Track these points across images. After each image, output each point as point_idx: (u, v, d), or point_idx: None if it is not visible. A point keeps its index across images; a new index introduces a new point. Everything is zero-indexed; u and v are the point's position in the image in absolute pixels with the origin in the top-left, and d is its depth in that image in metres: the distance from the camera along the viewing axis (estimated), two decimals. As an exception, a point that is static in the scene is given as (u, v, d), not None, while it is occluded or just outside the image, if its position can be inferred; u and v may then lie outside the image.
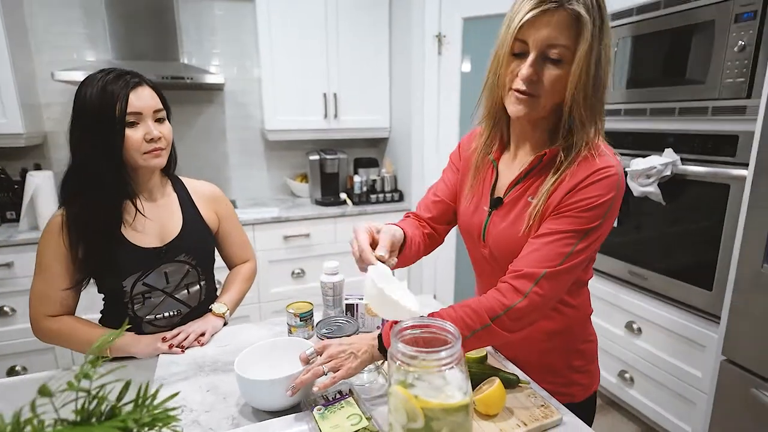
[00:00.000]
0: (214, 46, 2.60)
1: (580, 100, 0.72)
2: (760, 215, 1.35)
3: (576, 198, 0.75)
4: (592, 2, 0.69)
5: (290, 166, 2.92)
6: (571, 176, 0.75)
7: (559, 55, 0.71)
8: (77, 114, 0.96)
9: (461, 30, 2.31)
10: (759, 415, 1.37)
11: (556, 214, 0.76)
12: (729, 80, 1.53)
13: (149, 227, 1.05)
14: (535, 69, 0.72)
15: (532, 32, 0.70)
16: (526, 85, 0.73)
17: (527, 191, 0.82)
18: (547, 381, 0.88)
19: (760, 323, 1.36)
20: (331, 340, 0.82)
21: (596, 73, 0.71)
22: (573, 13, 0.68)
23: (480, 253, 0.92)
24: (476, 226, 0.90)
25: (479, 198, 0.91)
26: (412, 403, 0.54)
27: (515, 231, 0.82)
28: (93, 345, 0.92)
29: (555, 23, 0.69)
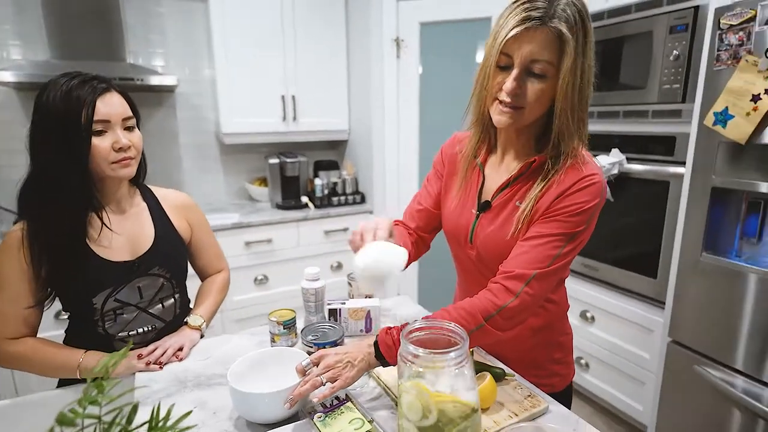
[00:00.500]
0: (163, 46, 2.48)
1: (567, 112, 0.76)
2: (697, 208, 1.50)
3: (564, 203, 0.80)
4: (575, 19, 0.72)
5: (248, 170, 2.84)
6: (558, 183, 0.80)
7: (542, 70, 0.75)
8: (38, 121, 0.89)
9: (419, 34, 2.36)
10: (702, 390, 1.51)
11: (545, 218, 0.81)
12: (666, 86, 1.68)
13: (119, 240, 0.99)
14: (518, 83, 0.76)
15: (516, 47, 0.74)
16: (510, 97, 0.77)
17: (515, 196, 0.86)
18: (531, 374, 0.93)
19: (701, 306, 1.51)
20: (326, 350, 0.81)
21: (581, 86, 0.76)
22: (555, 31, 0.72)
23: (466, 255, 0.95)
24: (463, 228, 0.93)
25: (466, 201, 0.94)
26: (427, 397, 0.56)
27: (503, 234, 0.85)
28: (86, 367, 0.87)
29: (538, 40, 0.72)
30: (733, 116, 1.34)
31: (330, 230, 2.55)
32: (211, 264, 1.22)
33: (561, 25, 0.71)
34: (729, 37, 1.34)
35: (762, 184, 1.32)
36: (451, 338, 0.62)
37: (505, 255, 0.83)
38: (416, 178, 2.54)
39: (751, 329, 1.36)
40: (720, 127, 1.38)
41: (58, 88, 0.88)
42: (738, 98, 1.32)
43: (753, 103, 1.28)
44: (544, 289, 0.80)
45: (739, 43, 1.32)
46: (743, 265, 1.38)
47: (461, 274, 1.05)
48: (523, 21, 0.72)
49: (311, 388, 0.75)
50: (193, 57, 2.56)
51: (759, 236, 1.40)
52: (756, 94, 1.28)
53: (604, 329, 2.00)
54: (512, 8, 0.75)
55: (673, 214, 1.66)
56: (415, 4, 2.32)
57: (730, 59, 1.34)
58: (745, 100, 1.30)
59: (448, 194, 0.99)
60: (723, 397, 1.44)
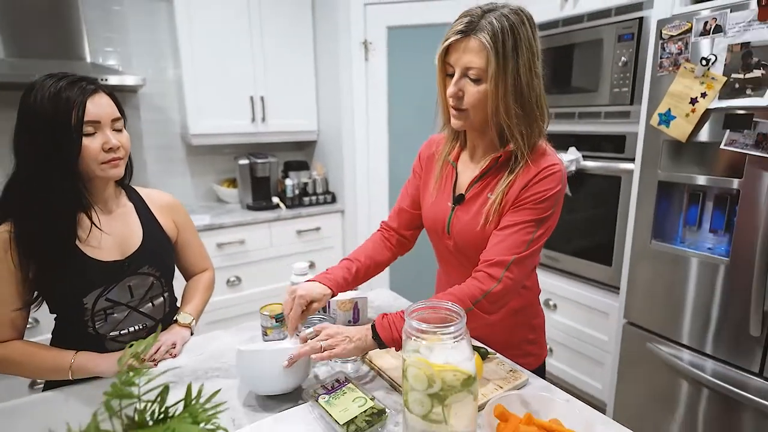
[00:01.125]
0: (125, 46, 2.43)
1: (502, 111, 0.85)
2: (646, 200, 1.65)
3: (530, 192, 0.89)
4: (502, 28, 0.80)
5: (215, 172, 2.81)
6: (522, 174, 0.90)
7: (477, 75, 0.84)
8: (24, 122, 0.89)
9: (386, 38, 2.43)
10: (655, 365, 1.67)
11: (515, 208, 0.90)
12: (616, 89, 1.84)
13: (108, 240, 0.99)
14: (458, 87, 0.86)
15: (453, 56, 0.85)
16: (454, 101, 0.87)
17: (486, 188, 0.95)
18: (508, 354, 1.01)
19: (651, 288, 1.66)
20: (328, 324, 0.88)
21: (515, 87, 0.84)
22: (479, 40, 0.81)
23: (444, 246, 1.03)
24: (440, 220, 1.01)
25: (442, 195, 1.02)
26: (430, 368, 0.62)
27: (476, 224, 0.94)
28: (78, 368, 0.87)
29: (469, 48, 0.82)
30: (675, 117, 1.49)
31: (302, 230, 2.58)
32: (196, 263, 1.23)
33: (483, 36, 0.81)
34: (670, 47, 1.49)
35: (700, 177, 1.48)
36: (448, 316, 0.68)
37: (479, 243, 0.92)
38: (386, 177, 2.61)
39: (694, 307, 1.52)
40: (664, 127, 1.53)
41: (46, 90, 0.88)
42: (679, 101, 1.48)
43: (691, 105, 1.44)
44: (523, 272, 0.88)
45: (678, 52, 1.47)
46: (686, 250, 1.54)
47: (442, 264, 1.12)
48: (455, 33, 0.83)
49: (310, 351, 0.82)
50: (157, 57, 2.52)
51: (699, 224, 1.57)
52: (693, 97, 1.43)
53: (565, 316, 2.15)
54: (455, 21, 0.85)
55: (625, 206, 1.82)
56: (383, 8, 2.39)
57: (671, 66, 1.50)
58: (684, 102, 1.46)
59: (426, 191, 1.07)
60: (673, 371, 1.59)
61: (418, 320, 0.66)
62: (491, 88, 0.83)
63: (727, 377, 1.44)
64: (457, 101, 0.87)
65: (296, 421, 0.79)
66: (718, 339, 1.47)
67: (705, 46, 1.40)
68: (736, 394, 1.40)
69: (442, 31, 0.88)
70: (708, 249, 1.52)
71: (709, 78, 1.39)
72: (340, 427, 0.72)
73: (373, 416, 0.75)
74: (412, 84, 2.50)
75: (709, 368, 1.50)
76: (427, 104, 2.48)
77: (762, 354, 1.37)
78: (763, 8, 1.25)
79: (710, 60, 1.38)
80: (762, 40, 1.26)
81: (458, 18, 0.85)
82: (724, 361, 1.46)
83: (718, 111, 1.39)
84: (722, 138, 1.38)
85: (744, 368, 1.41)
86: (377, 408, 0.76)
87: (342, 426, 0.72)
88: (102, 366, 0.95)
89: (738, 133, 1.35)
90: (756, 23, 1.27)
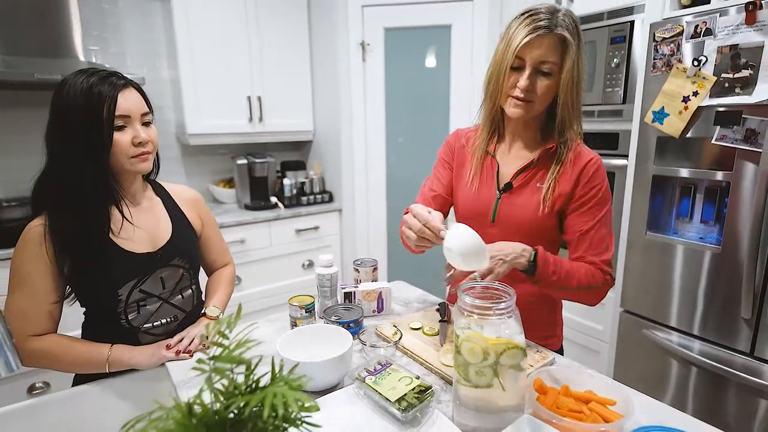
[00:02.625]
0: (120, 45, 2.40)
1: (568, 102, 0.93)
2: (640, 194, 1.74)
3: (587, 189, 0.98)
4: (572, 25, 0.90)
5: (210, 172, 2.80)
6: (571, 166, 0.98)
7: (550, 69, 0.91)
8: (57, 116, 0.90)
9: (383, 39, 2.47)
10: (650, 351, 1.76)
11: (582, 209, 0.99)
12: (609, 89, 1.93)
13: (139, 233, 1.00)
14: (531, 81, 0.92)
15: (527, 52, 0.90)
16: (524, 93, 0.93)
17: (533, 178, 1.01)
18: (533, 335, 1.07)
19: (646, 277, 1.75)
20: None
21: (577, 81, 0.92)
22: (560, 36, 0.88)
23: (484, 233, 1.06)
24: (485, 208, 1.06)
25: (485, 184, 1.07)
26: (485, 341, 0.67)
27: (525, 211, 1.00)
28: (115, 360, 0.88)
29: (546, 45, 0.88)
30: (668, 114, 1.59)
31: (301, 229, 2.59)
32: (218, 258, 1.25)
33: (564, 32, 0.88)
34: (662, 48, 1.58)
35: (692, 171, 1.58)
36: (497, 295, 0.73)
37: (526, 230, 0.99)
38: (383, 176, 2.65)
39: (688, 293, 1.61)
40: (658, 124, 1.62)
41: (78, 85, 0.89)
42: (671, 99, 1.57)
43: (684, 104, 1.54)
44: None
45: (670, 54, 1.57)
46: (679, 239, 1.63)
47: None
48: (534, 30, 0.88)
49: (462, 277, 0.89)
50: (152, 57, 2.50)
51: (690, 215, 1.66)
52: (686, 95, 1.53)
53: (563, 308, 2.22)
54: (520, 20, 0.91)
55: (620, 200, 1.91)
56: (380, 10, 2.44)
57: (664, 66, 1.59)
58: (677, 101, 1.55)
59: (461, 181, 1.11)
60: (669, 355, 1.68)
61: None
62: (564, 80, 0.90)
63: (719, 358, 1.53)
64: (527, 93, 0.92)
65: (342, 403, 0.82)
66: (712, 322, 1.56)
67: (696, 47, 1.49)
68: (729, 373, 1.49)
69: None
70: (700, 239, 1.61)
71: (701, 78, 1.49)
72: (392, 404, 0.76)
73: (421, 393, 0.78)
74: (408, 84, 2.55)
75: (704, 351, 1.59)
76: (422, 104, 2.54)
77: (753, 335, 1.47)
78: (750, 13, 1.34)
79: (701, 61, 1.47)
80: (749, 43, 1.36)
81: (528, 16, 0.90)
82: (717, 343, 1.56)
83: (709, 108, 1.48)
84: (713, 134, 1.48)
85: (736, 349, 1.51)
86: (424, 385, 0.80)
87: (394, 403, 0.76)
88: (138, 358, 0.96)
89: (728, 129, 1.44)
90: (744, 26, 1.37)
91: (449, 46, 2.40)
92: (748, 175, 1.42)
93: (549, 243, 1.05)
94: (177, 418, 0.46)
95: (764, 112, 1.35)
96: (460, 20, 2.36)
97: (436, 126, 2.54)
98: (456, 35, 2.38)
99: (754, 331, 1.47)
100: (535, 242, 1.01)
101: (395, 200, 2.68)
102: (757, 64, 1.35)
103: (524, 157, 1.03)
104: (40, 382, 1.90)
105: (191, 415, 0.47)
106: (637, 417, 0.79)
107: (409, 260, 1.78)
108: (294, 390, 0.53)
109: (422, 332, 1.08)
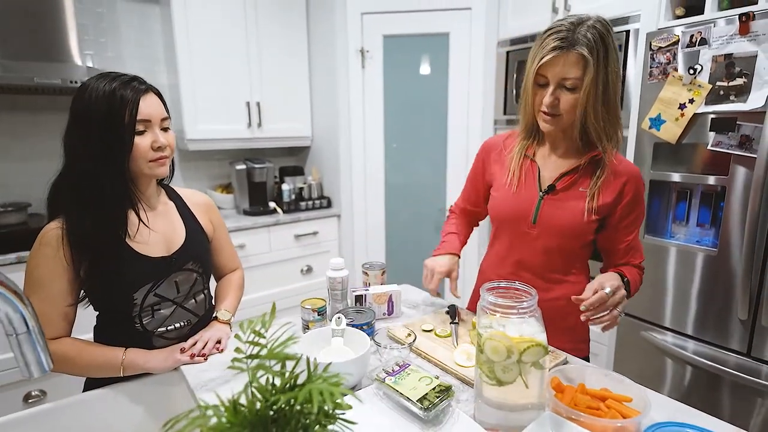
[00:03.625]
0: (116, 50, 2.39)
1: (592, 115, 0.95)
2: (638, 199, 1.78)
3: (631, 196, 1.04)
4: (595, 39, 0.90)
5: (208, 177, 2.79)
6: (613, 175, 1.02)
7: (573, 84, 0.93)
8: (78, 119, 0.90)
9: (382, 46, 2.50)
10: (648, 353, 1.79)
11: (626, 220, 1.06)
12: (605, 97, 1.98)
13: (154, 236, 1.00)
14: (554, 96, 0.95)
15: (549, 69, 0.93)
16: (549, 108, 0.96)
17: (577, 182, 1.04)
18: (568, 340, 1.10)
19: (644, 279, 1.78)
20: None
21: (604, 93, 0.94)
22: (578, 53, 0.90)
23: (523, 233, 1.09)
24: (526, 210, 1.08)
25: (526, 186, 1.09)
26: (509, 340, 0.68)
27: (569, 214, 1.03)
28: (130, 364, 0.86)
29: (567, 62, 0.91)
30: (665, 121, 1.63)
31: (300, 234, 2.59)
32: (228, 263, 1.25)
33: (582, 49, 0.90)
34: (659, 57, 1.63)
35: (688, 175, 1.62)
36: (517, 295, 0.75)
37: (567, 231, 1.03)
38: (382, 182, 2.66)
39: (686, 295, 1.65)
40: (655, 130, 1.67)
41: (101, 89, 0.89)
42: (668, 106, 1.62)
43: (680, 110, 1.58)
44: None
45: (667, 62, 1.61)
46: (677, 243, 1.67)
47: (506, 249, 1.16)
48: (553, 49, 0.91)
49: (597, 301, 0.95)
50: (150, 62, 2.49)
51: (686, 219, 1.71)
52: (682, 102, 1.58)
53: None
54: (543, 38, 0.94)
55: (617, 205, 1.95)
56: (379, 17, 2.47)
57: (660, 74, 1.64)
58: (674, 107, 1.60)
59: (498, 183, 1.14)
60: (667, 355, 1.72)
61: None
62: (585, 94, 0.93)
63: (716, 358, 1.57)
64: (552, 108, 0.96)
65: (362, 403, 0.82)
66: (708, 323, 1.60)
67: (691, 56, 1.54)
68: (726, 373, 1.53)
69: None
70: (696, 242, 1.65)
71: (696, 85, 1.53)
72: (414, 403, 0.77)
73: (442, 392, 0.79)
74: (406, 91, 2.57)
75: (701, 351, 1.62)
76: (420, 110, 2.57)
77: (749, 335, 1.51)
78: (744, 24, 1.40)
79: (697, 69, 1.52)
80: (743, 52, 1.41)
81: (550, 34, 0.92)
82: (714, 344, 1.59)
83: (705, 115, 1.53)
84: (708, 139, 1.53)
85: (733, 349, 1.55)
86: (444, 385, 0.81)
87: (416, 402, 0.77)
88: (152, 362, 0.95)
89: (723, 135, 1.49)
90: (737, 36, 1.42)
91: (447, 53, 2.44)
92: (743, 180, 1.47)
93: (584, 246, 1.10)
94: (227, 416, 0.47)
95: (758, 119, 1.40)
96: (458, 28, 2.40)
97: (433, 132, 2.57)
98: (454, 43, 2.42)
99: (750, 331, 1.51)
100: (572, 243, 1.07)
101: (393, 206, 2.70)
102: (751, 73, 1.40)
103: (567, 162, 1.05)
104: (36, 390, 1.87)
105: (236, 412, 0.48)
106: (651, 414, 0.81)
107: (407, 265, 1.78)
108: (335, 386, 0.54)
109: (434, 334, 1.10)
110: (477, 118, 2.46)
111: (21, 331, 0.53)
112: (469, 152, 2.50)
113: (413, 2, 2.41)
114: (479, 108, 2.44)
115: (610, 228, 1.08)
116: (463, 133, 2.51)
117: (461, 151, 2.53)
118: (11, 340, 0.53)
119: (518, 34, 2.25)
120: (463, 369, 0.94)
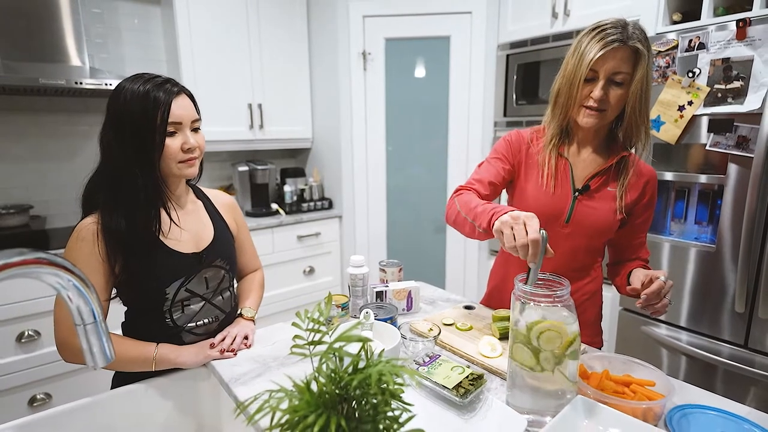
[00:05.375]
0: (119, 51, 2.38)
1: (635, 111, 0.99)
2: (638, 198, 1.85)
3: (649, 196, 1.08)
4: (643, 36, 0.94)
5: (208, 179, 2.78)
6: (637, 175, 1.07)
7: (622, 79, 0.96)
8: (113, 120, 0.91)
9: (384, 49, 2.54)
10: (649, 345, 1.84)
11: (642, 217, 1.10)
12: (604, 99, 2.04)
13: (184, 234, 1.02)
14: (605, 91, 0.97)
15: (601, 64, 0.95)
16: (598, 103, 0.98)
17: (608, 182, 1.08)
18: (586, 333, 1.13)
19: (645, 277, 1.85)
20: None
21: (646, 90, 0.98)
22: (633, 48, 0.93)
23: (554, 232, 1.08)
24: (560, 209, 1.08)
25: (560, 185, 1.09)
26: (560, 327, 0.72)
27: (602, 214, 1.06)
28: (162, 359, 0.88)
29: (619, 57, 0.94)
30: (664, 122, 1.70)
31: (302, 235, 2.60)
32: (250, 262, 1.26)
33: (637, 44, 0.93)
34: (658, 61, 1.70)
35: (686, 174, 1.69)
36: (552, 286, 0.78)
37: (598, 231, 1.07)
38: (383, 184, 2.69)
39: (685, 291, 1.71)
40: (654, 131, 1.73)
41: (135, 91, 0.91)
42: (667, 108, 1.68)
43: (679, 112, 1.65)
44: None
45: (666, 66, 1.68)
46: (675, 240, 1.73)
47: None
48: (608, 44, 0.93)
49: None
50: (151, 63, 2.49)
51: (685, 217, 1.77)
52: (681, 105, 1.64)
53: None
54: (592, 35, 0.96)
55: (616, 204, 2.01)
56: (381, 20, 2.51)
57: (660, 78, 1.70)
58: (673, 109, 1.66)
59: (531, 181, 1.12)
60: (666, 348, 1.77)
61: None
62: (634, 90, 0.95)
63: (715, 350, 1.63)
64: (600, 103, 0.98)
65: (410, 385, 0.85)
66: (707, 317, 1.66)
67: (690, 60, 1.61)
68: (724, 364, 1.59)
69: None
70: (694, 238, 1.72)
71: (695, 88, 1.60)
72: (450, 391, 0.80)
73: (475, 380, 0.82)
74: (408, 93, 2.61)
75: (700, 344, 1.68)
76: (422, 113, 2.61)
77: (746, 328, 1.57)
78: (741, 29, 1.46)
79: (695, 73, 1.59)
80: (740, 56, 1.48)
81: (599, 31, 0.94)
82: (712, 336, 1.66)
83: (703, 117, 1.60)
84: (706, 140, 1.59)
85: (731, 341, 1.61)
86: (476, 373, 0.84)
87: (452, 390, 0.80)
88: (184, 356, 0.97)
89: (721, 136, 1.56)
90: (734, 42, 1.49)
91: (448, 56, 2.48)
92: (740, 179, 1.53)
93: (605, 243, 1.15)
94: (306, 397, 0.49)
95: (755, 120, 1.47)
96: (459, 32, 2.45)
97: (435, 134, 2.61)
98: (455, 46, 2.47)
99: (748, 324, 1.57)
100: (598, 242, 1.11)
101: (395, 207, 2.73)
102: (748, 76, 1.47)
103: (597, 161, 1.08)
104: (41, 393, 1.85)
105: (310, 393, 0.50)
106: (673, 399, 0.85)
107: (408, 265, 1.81)
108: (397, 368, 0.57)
109: (455, 327, 1.13)
110: (477, 120, 2.51)
111: (89, 322, 0.54)
112: (470, 153, 2.55)
113: (415, 6, 2.46)
114: (480, 110, 2.49)
115: (629, 225, 1.12)
116: (464, 135, 2.56)
117: (462, 152, 2.58)
118: (79, 329, 0.54)
119: (518, 38, 2.31)
120: (489, 360, 0.97)
